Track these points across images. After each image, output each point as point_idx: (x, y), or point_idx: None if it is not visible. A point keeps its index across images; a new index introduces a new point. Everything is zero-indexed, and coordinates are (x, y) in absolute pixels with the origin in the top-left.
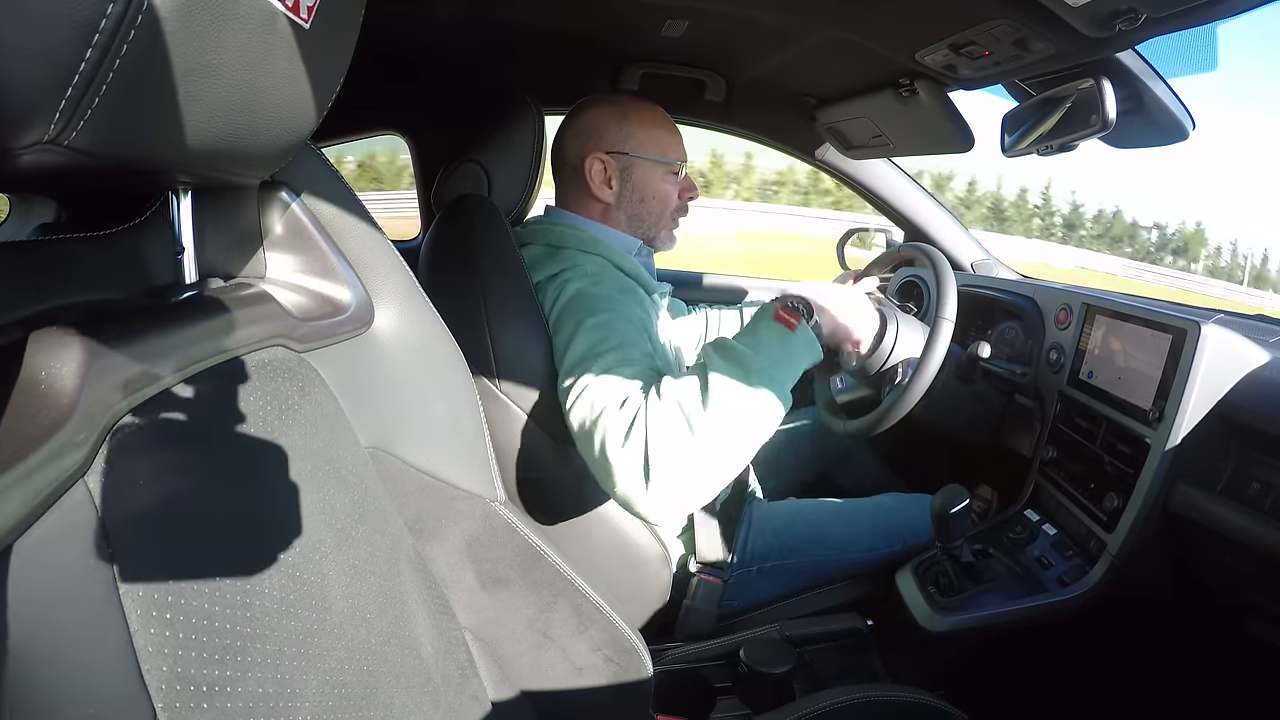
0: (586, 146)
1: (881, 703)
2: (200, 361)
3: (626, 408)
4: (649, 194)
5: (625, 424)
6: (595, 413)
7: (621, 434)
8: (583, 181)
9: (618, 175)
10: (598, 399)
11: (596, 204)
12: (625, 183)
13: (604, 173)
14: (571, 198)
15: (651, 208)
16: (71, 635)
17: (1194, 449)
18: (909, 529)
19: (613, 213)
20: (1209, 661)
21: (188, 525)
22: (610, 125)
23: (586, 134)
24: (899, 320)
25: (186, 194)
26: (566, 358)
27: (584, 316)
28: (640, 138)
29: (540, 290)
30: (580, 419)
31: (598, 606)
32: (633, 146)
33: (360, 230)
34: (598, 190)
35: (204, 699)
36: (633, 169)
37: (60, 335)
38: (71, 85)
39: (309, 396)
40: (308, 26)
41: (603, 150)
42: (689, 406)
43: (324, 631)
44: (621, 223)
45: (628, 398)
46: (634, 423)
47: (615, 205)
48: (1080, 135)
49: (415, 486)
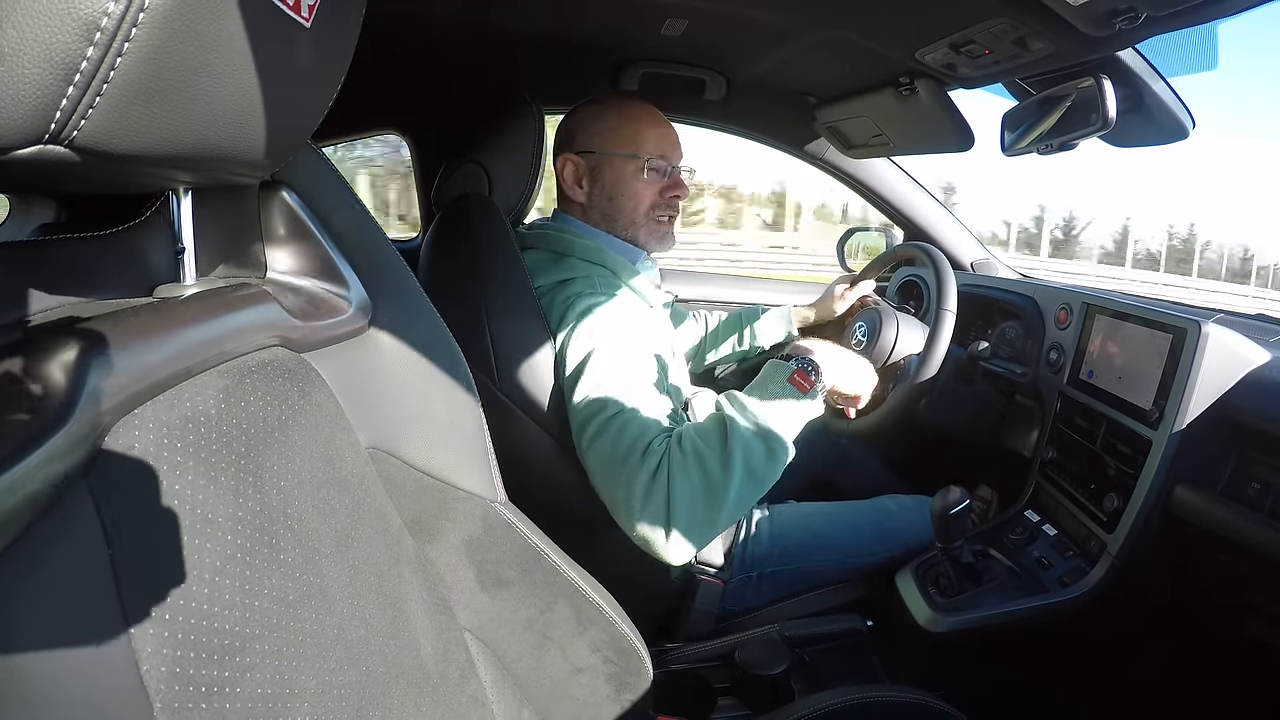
0: (560, 148)
1: (881, 703)
2: (200, 362)
3: (649, 458)
4: (618, 192)
5: (648, 476)
6: (617, 457)
7: (644, 486)
8: (561, 183)
9: (587, 175)
10: (620, 443)
11: (575, 205)
12: (595, 182)
13: (575, 173)
14: (561, 200)
15: (622, 206)
16: (70, 635)
17: (1194, 449)
18: (909, 530)
19: (589, 213)
20: (1209, 662)
21: (187, 525)
22: (584, 125)
23: (561, 136)
24: (898, 319)
25: (187, 194)
26: (580, 386)
27: (597, 342)
28: (611, 136)
29: (543, 296)
30: (601, 461)
31: (598, 607)
32: (601, 144)
33: (360, 230)
34: (570, 191)
35: (203, 699)
36: (602, 167)
37: (60, 335)
38: (72, 84)
39: (309, 397)
40: (308, 25)
41: (572, 150)
42: (710, 464)
43: (323, 632)
44: (599, 224)
45: (649, 446)
46: (656, 475)
47: (588, 205)
48: (1080, 134)
49: (415, 486)
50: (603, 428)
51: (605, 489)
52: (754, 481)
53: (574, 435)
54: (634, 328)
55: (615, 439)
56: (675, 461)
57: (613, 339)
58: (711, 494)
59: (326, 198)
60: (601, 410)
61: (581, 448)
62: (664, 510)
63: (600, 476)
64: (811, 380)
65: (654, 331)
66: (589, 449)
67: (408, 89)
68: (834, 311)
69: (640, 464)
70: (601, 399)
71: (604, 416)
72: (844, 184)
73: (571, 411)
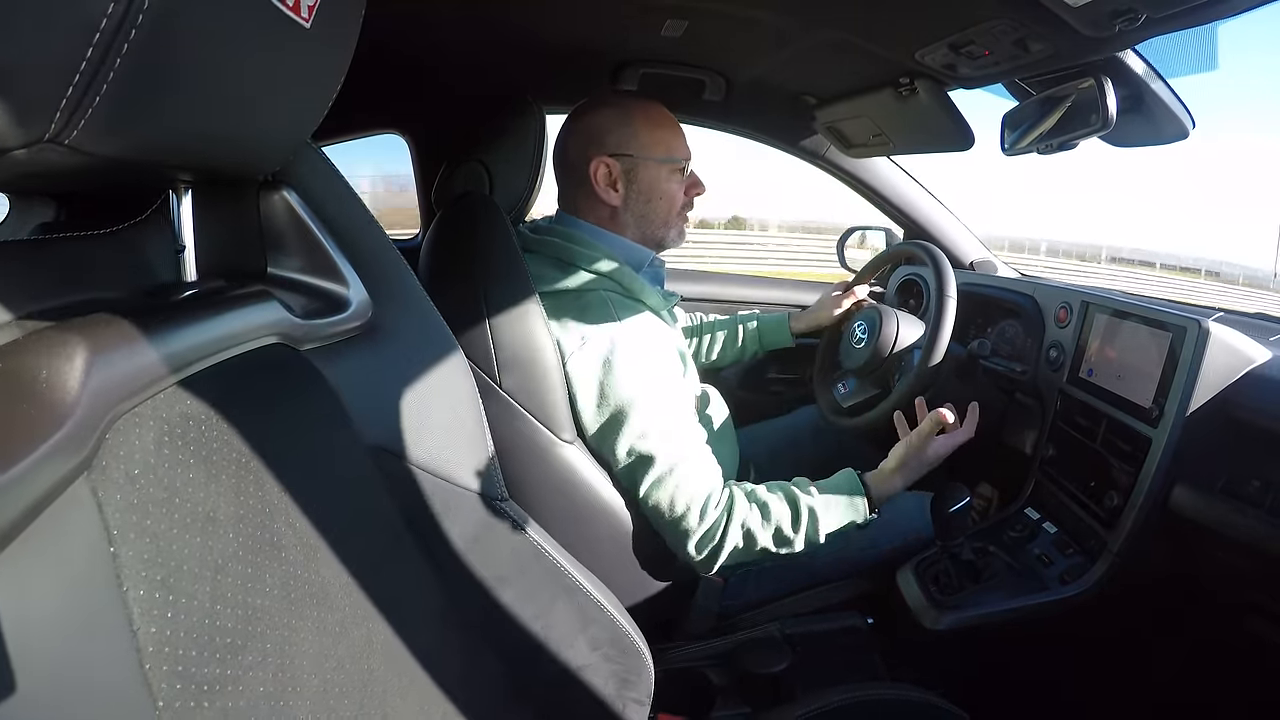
0: (589, 150)
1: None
2: (200, 360)
3: (709, 514)
4: (655, 194)
5: (707, 530)
6: (681, 507)
7: (701, 536)
8: (588, 185)
9: (623, 178)
10: (680, 494)
11: (604, 207)
12: (631, 185)
13: (609, 175)
14: (578, 202)
15: (659, 208)
16: (74, 633)
17: (1194, 447)
18: (909, 527)
19: (620, 216)
20: (1209, 659)
21: (189, 523)
22: (613, 127)
23: (589, 137)
24: (897, 315)
25: (187, 192)
26: (626, 431)
27: (636, 388)
28: (644, 138)
29: (547, 301)
30: (660, 504)
31: (599, 605)
32: (636, 148)
33: (360, 228)
34: (604, 194)
35: (204, 697)
36: (637, 170)
37: (60, 334)
38: (72, 84)
39: (310, 395)
40: (308, 26)
41: (606, 153)
42: (761, 539)
43: (325, 630)
44: (630, 226)
45: (707, 502)
46: (714, 531)
47: (622, 208)
48: (1080, 134)
49: (416, 485)
50: (660, 481)
51: (662, 524)
52: (789, 554)
53: (623, 475)
54: (664, 361)
55: (676, 489)
56: (734, 522)
57: (649, 381)
58: (753, 553)
59: (327, 197)
60: (655, 461)
61: (638, 492)
62: (716, 556)
63: (656, 517)
64: (873, 514)
65: (676, 355)
66: (647, 496)
67: (408, 89)
68: (830, 316)
69: (700, 520)
70: (650, 452)
71: (661, 469)
72: (844, 183)
73: (617, 451)
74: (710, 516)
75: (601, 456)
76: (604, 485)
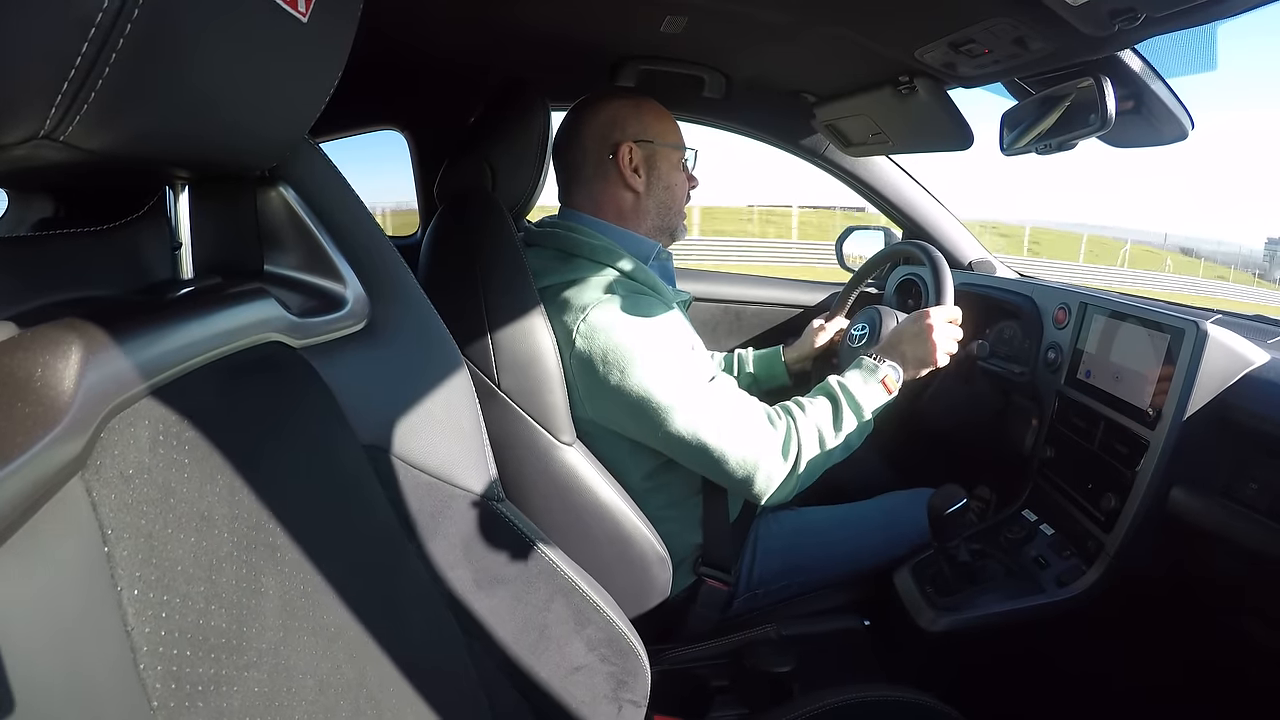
0: (613, 135)
1: (878, 703)
2: (197, 358)
3: (777, 424)
4: (672, 181)
5: (784, 435)
6: (750, 432)
7: (784, 442)
8: (611, 172)
9: (644, 164)
10: (741, 421)
11: (627, 194)
12: (651, 170)
13: (632, 161)
14: (596, 193)
15: (675, 195)
16: (69, 631)
17: (1192, 449)
18: (914, 530)
19: (643, 202)
20: (1206, 662)
21: (184, 522)
22: (631, 115)
23: (611, 124)
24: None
25: (184, 188)
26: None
27: (652, 354)
28: (658, 127)
29: (548, 295)
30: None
31: (595, 606)
32: (654, 134)
33: (358, 226)
34: (630, 179)
35: (200, 697)
36: (656, 156)
37: (56, 331)
38: (67, 80)
39: (306, 394)
40: (305, 20)
41: (630, 139)
42: (825, 435)
43: (321, 630)
44: (650, 213)
45: (768, 414)
46: (790, 434)
47: (645, 194)
48: (1079, 134)
49: (412, 484)
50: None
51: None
52: (843, 446)
53: (673, 438)
54: (673, 332)
55: (735, 424)
56: (802, 431)
57: (662, 348)
58: (824, 448)
59: (324, 194)
60: (707, 413)
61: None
62: (798, 457)
63: (727, 463)
64: (896, 386)
65: (683, 325)
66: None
67: (406, 85)
68: (814, 346)
69: (774, 429)
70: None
71: (713, 410)
72: (843, 182)
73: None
74: (780, 424)
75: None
76: (604, 488)
